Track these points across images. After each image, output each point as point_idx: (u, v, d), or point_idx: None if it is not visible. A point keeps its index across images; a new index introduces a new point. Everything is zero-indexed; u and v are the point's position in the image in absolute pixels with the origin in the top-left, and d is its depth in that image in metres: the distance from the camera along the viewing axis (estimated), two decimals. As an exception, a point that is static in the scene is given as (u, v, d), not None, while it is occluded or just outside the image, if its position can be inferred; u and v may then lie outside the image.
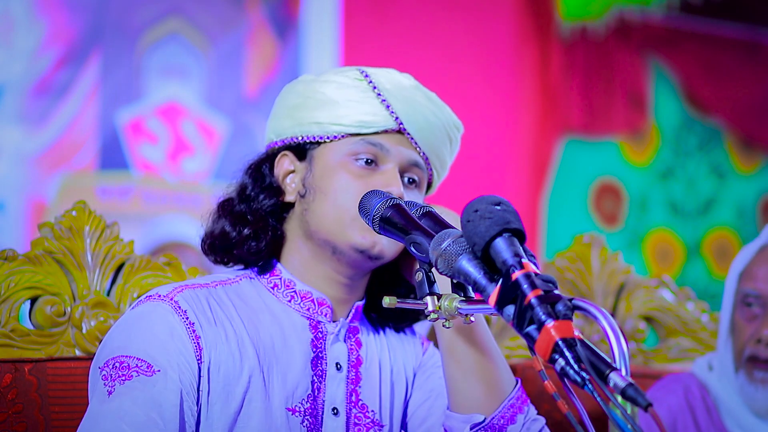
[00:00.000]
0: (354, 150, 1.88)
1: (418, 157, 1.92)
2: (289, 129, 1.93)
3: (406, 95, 1.91)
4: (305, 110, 1.91)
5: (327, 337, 1.90)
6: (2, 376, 2.00)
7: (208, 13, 4.85)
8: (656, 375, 2.53)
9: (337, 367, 1.89)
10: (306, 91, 1.93)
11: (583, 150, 5.80)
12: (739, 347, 2.36)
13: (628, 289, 2.61)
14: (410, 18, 5.19)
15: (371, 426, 1.90)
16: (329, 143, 1.90)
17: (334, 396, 1.88)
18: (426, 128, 1.91)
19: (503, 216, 1.52)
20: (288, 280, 1.91)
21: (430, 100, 1.93)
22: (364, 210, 1.81)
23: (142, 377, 1.73)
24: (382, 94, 1.89)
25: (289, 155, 1.94)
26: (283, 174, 1.94)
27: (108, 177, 4.65)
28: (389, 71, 1.94)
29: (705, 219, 6.19)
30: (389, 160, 1.89)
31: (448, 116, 1.96)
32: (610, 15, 5.54)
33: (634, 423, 1.33)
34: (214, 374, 1.79)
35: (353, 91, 1.90)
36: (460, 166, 5.63)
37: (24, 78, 4.47)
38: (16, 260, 2.06)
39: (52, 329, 2.08)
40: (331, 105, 1.89)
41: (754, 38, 6.20)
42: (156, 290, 1.86)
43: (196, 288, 1.87)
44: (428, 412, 1.95)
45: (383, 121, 1.89)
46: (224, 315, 1.85)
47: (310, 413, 1.84)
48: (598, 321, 1.41)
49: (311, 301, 1.90)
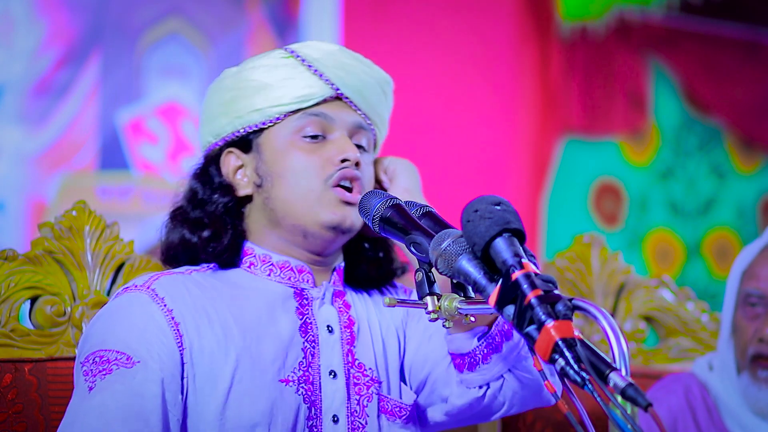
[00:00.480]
0: (299, 126, 1.88)
1: (361, 120, 1.92)
2: (227, 125, 1.91)
3: (336, 60, 1.90)
4: (240, 101, 1.90)
5: (313, 303, 1.89)
6: (2, 376, 2.00)
7: (208, 13, 4.85)
8: (656, 375, 2.53)
9: (329, 329, 1.88)
10: (235, 83, 1.91)
11: (583, 150, 5.80)
12: (741, 347, 2.36)
13: (628, 289, 2.61)
14: (410, 18, 5.18)
15: (371, 384, 1.88)
16: (272, 127, 1.89)
17: (330, 359, 1.87)
18: (362, 88, 1.91)
19: (503, 216, 1.52)
20: (263, 255, 1.90)
21: (359, 60, 1.93)
22: (364, 210, 1.81)
23: (122, 370, 1.73)
24: (312, 65, 1.89)
25: (233, 151, 1.92)
26: (232, 171, 1.92)
27: (108, 177, 4.65)
28: (311, 42, 1.94)
29: (705, 219, 6.19)
30: (336, 128, 1.89)
31: (378, 73, 1.96)
32: (610, 15, 5.54)
33: (634, 423, 1.33)
34: (198, 358, 1.78)
35: (283, 70, 1.89)
36: (461, 166, 5.59)
37: (24, 78, 4.47)
38: (16, 260, 2.06)
39: (52, 329, 2.08)
40: (266, 89, 1.88)
41: (754, 38, 6.20)
42: (133, 281, 1.86)
43: (172, 274, 1.87)
44: (428, 350, 1.93)
45: (321, 91, 1.89)
46: (204, 297, 1.84)
47: (304, 381, 1.83)
48: (598, 321, 1.41)
49: (291, 270, 1.90)
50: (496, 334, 1.78)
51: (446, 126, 5.15)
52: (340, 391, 1.86)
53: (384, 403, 1.89)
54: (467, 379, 1.83)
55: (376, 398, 1.88)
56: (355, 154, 1.87)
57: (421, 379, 1.94)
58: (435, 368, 1.91)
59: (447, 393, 1.88)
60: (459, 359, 1.83)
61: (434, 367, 1.91)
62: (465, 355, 1.81)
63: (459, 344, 1.82)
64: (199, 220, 1.90)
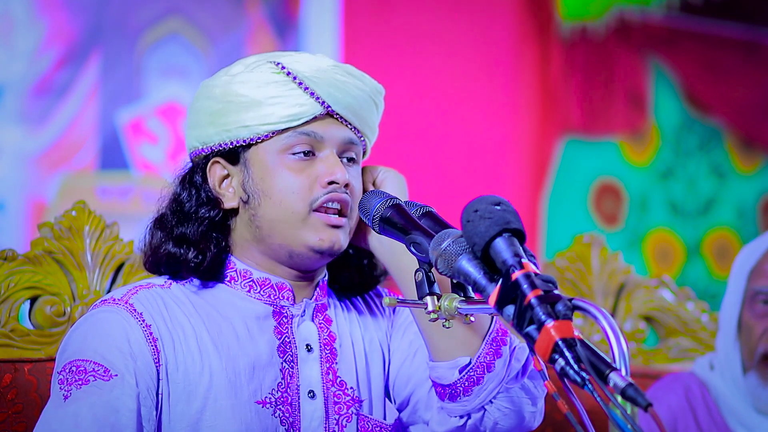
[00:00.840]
0: (288, 144, 1.85)
1: (351, 134, 1.89)
2: (215, 136, 1.88)
3: (328, 77, 1.86)
4: (229, 115, 1.86)
5: (292, 320, 1.87)
6: (2, 376, 2.00)
7: (208, 13, 4.84)
8: (656, 375, 2.53)
9: (308, 348, 1.87)
10: (224, 95, 1.87)
11: (583, 150, 5.80)
12: (750, 346, 2.35)
13: (628, 289, 2.61)
14: (410, 18, 5.18)
15: (351, 404, 1.87)
16: (261, 143, 1.86)
17: (309, 378, 1.85)
18: (354, 104, 1.88)
19: (503, 216, 1.52)
20: (244, 271, 1.88)
21: (351, 74, 1.89)
22: (364, 210, 1.81)
23: (99, 381, 1.72)
24: (303, 83, 1.85)
25: (220, 161, 1.89)
26: (218, 180, 1.89)
27: (108, 177, 4.65)
28: (301, 55, 1.90)
29: (705, 219, 6.19)
30: (325, 146, 1.86)
31: (370, 84, 1.91)
32: (610, 15, 5.54)
33: (634, 423, 1.33)
34: (173, 375, 1.78)
35: (273, 87, 1.85)
36: (461, 166, 5.59)
37: (24, 78, 4.47)
38: (16, 260, 2.06)
39: (52, 329, 2.08)
40: (255, 106, 1.84)
41: (754, 38, 6.20)
42: (111, 294, 1.84)
43: (150, 288, 1.85)
44: (411, 369, 1.92)
45: (311, 109, 1.85)
46: (182, 313, 1.83)
47: (282, 402, 1.82)
48: (598, 321, 1.42)
49: (271, 288, 1.88)
50: (477, 366, 1.78)
51: (446, 126, 5.15)
52: (318, 411, 1.84)
53: (364, 423, 1.88)
54: (448, 408, 1.82)
55: (356, 418, 1.87)
56: (344, 175, 1.84)
57: (404, 397, 1.93)
58: (417, 389, 1.90)
59: (428, 417, 1.87)
60: (440, 388, 1.82)
61: (416, 388, 1.90)
62: (446, 386, 1.80)
63: (441, 373, 1.81)
64: (184, 237, 1.87)
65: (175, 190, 1.91)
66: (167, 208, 1.91)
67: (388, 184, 1.94)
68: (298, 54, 1.91)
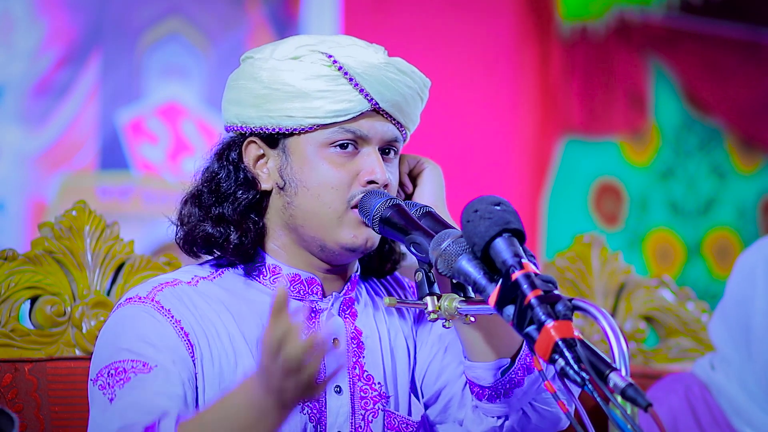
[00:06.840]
0: (331, 138, 1.82)
1: (395, 130, 1.87)
2: (256, 119, 1.85)
3: (379, 74, 1.82)
4: (273, 102, 1.83)
5: (320, 315, 1.85)
6: (2, 376, 2.00)
7: (208, 13, 4.84)
8: (656, 375, 2.53)
9: (335, 342, 1.84)
10: (271, 81, 1.83)
11: (583, 150, 5.80)
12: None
13: (628, 289, 2.61)
14: (410, 18, 5.18)
15: (378, 399, 1.85)
16: (303, 134, 1.83)
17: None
18: (401, 102, 1.85)
19: (503, 216, 1.53)
20: (273, 266, 1.86)
21: (402, 71, 1.86)
22: (364, 210, 1.80)
23: (140, 375, 1.71)
24: (354, 79, 1.81)
25: (257, 141, 1.86)
26: (253, 160, 1.87)
27: (108, 177, 4.65)
28: (353, 47, 1.85)
29: (705, 219, 6.19)
30: (368, 143, 1.84)
31: (419, 80, 1.89)
32: (610, 15, 5.54)
33: (634, 423, 1.33)
34: (208, 369, 1.77)
35: (323, 81, 1.81)
36: (461, 166, 5.60)
37: (24, 78, 4.47)
38: (16, 260, 2.06)
39: (52, 329, 2.08)
40: (302, 97, 1.81)
41: (754, 38, 6.19)
42: (135, 291, 1.83)
43: (177, 285, 1.83)
44: (443, 365, 1.88)
45: (358, 106, 1.82)
46: (212, 310, 1.81)
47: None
48: (598, 321, 1.42)
49: (300, 283, 1.86)
50: (518, 368, 1.76)
51: (446, 126, 5.15)
52: (344, 407, 1.82)
53: (390, 419, 1.85)
54: (485, 408, 1.80)
55: (382, 414, 1.85)
56: (384, 175, 1.82)
57: (434, 392, 1.90)
58: (449, 386, 1.88)
59: (461, 416, 1.85)
60: (478, 389, 1.80)
61: (448, 384, 1.88)
62: (486, 387, 1.78)
63: (479, 374, 1.78)
64: (222, 217, 1.84)
65: (211, 165, 1.88)
66: (204, 185, 1.87)
67: (426, 181, 1.92)
68: (350, 45, 1.86)
